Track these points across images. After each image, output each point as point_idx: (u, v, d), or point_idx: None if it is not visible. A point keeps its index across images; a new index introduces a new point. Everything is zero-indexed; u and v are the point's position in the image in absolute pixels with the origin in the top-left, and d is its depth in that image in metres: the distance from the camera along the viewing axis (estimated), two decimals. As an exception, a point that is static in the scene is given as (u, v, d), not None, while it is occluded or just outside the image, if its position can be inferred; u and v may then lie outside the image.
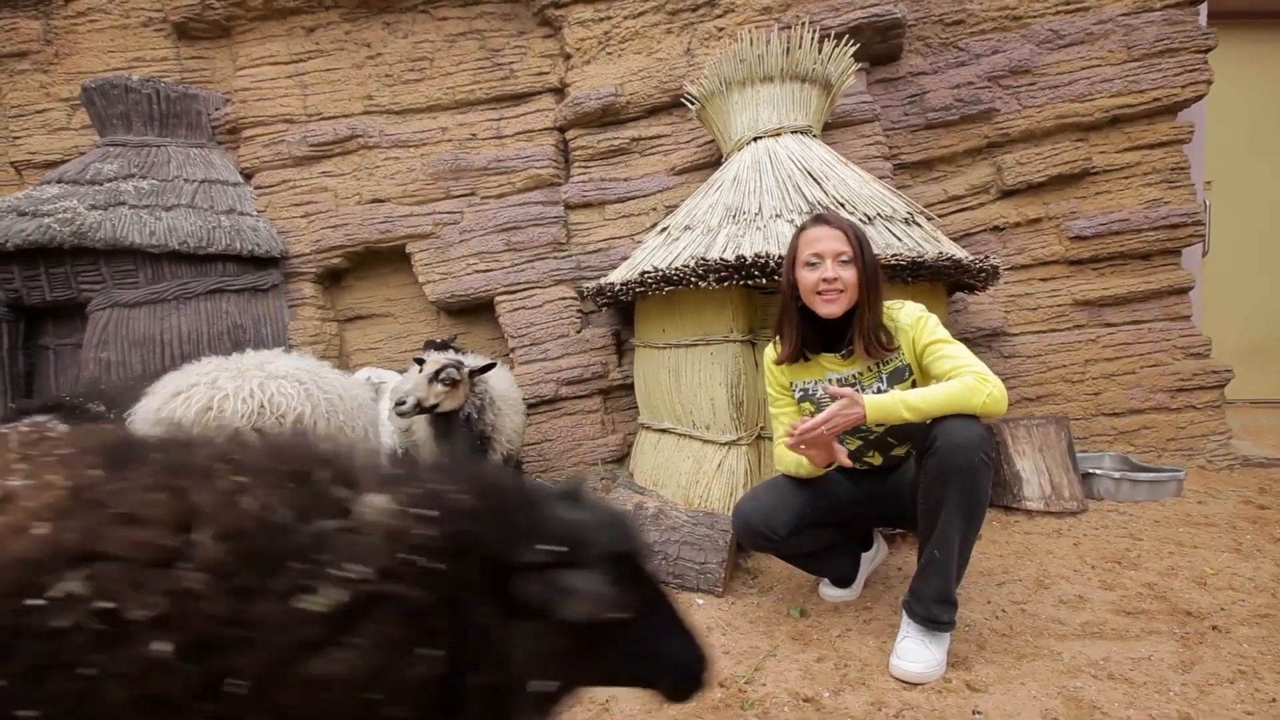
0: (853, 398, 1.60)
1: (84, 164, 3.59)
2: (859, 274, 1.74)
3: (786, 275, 1.85)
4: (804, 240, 1.81)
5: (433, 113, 3.97)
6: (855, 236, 1.77)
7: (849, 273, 1.73)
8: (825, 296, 1.75)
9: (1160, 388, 3.48)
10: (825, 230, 1.78)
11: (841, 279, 1.73)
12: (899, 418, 1.61)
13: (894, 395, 1.63)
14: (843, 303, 1.75)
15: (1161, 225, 3.50)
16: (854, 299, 1.76)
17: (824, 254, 1.75)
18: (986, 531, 2.64)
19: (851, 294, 1.75)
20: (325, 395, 1.77)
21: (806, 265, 1.78)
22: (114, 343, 3.33)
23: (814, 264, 1.76)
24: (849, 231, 1.77)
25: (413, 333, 4.08)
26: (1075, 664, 1.62)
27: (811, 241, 1.78)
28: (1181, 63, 3.50)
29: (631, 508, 2.35)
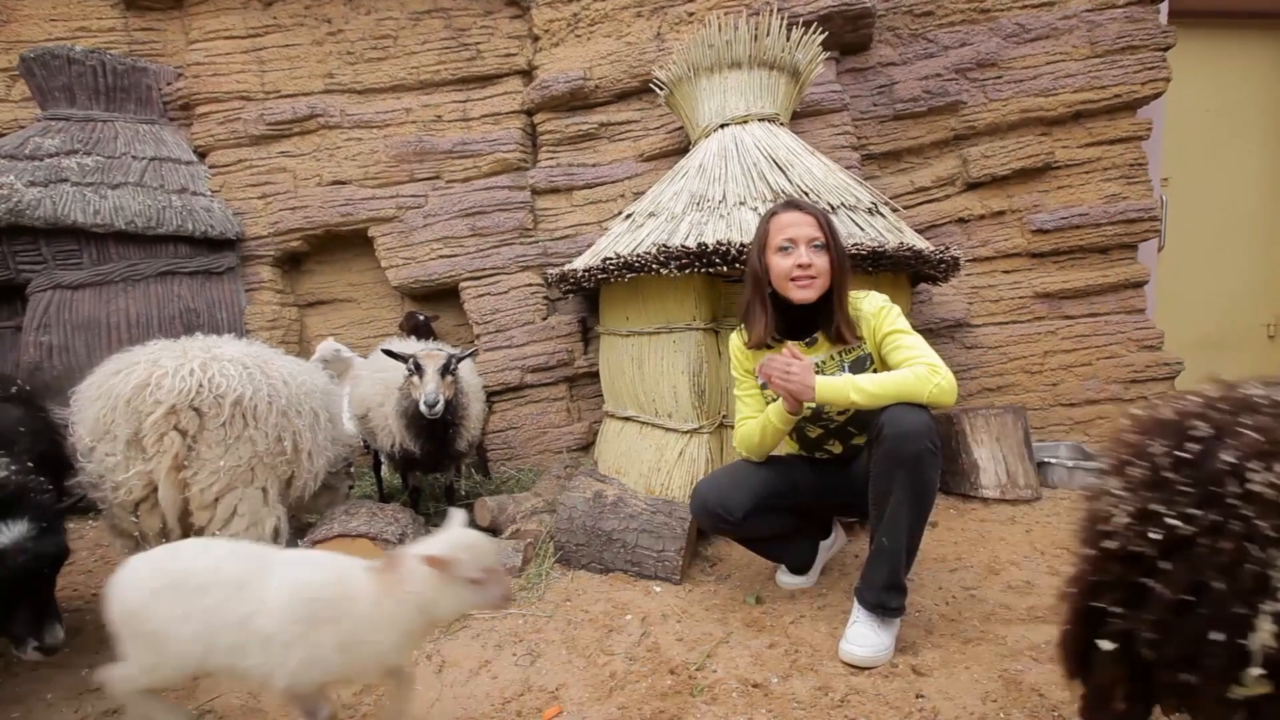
0: (809, 370, 1.63)
1: (23, 138, 3.41)
2: (831, 260, 1.74)
3: (756, 260, 1.83)
4: (775, 225, 1.80)
5: (396, 93, 3.87)
6: (827, 223, 1.77)
7: (822, 259, 1.74)
8: (799, 283, 1.74)
9: (1115, 379, 3.57)
10: (797, 215, 1.77)
11: (815, 265, 1.73)
12: (846, 400, 1.62)
13: (845, 378, 1.64)
14: (816, 288, 1.75)
15: (1120, 220, 3.58)
16: (826, 285, 1.76)
17: (797, 239, 1.74)
18: (942, 519, 2.68)
19: (824, 280, 1.75)
20: (269, 380, 1.72)
21: (779, 250, 1.77)
22: (56, 326, 3.19)
23: (787, 249, 1.75)
24: (820, 217, 1.78)
25: (376, 318, 4.00)
26: (1018, 648, 1.65)
27: (784, 226, 1.77)
28: (1142, 60, 3.56)
29: (591, 495, 2.33)
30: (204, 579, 1.19)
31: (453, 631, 1.88)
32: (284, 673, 1.16)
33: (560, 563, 2.31)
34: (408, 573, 1.20)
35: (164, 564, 1.23)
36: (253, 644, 1.16)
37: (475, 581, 1.20)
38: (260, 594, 1.18)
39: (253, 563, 1.23)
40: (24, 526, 1.31)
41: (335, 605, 1.18)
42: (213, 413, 1.63)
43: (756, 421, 1.88)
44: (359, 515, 2.05)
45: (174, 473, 1.63)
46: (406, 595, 1.19)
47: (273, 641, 1.16)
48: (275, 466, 1.79)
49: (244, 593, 1.18)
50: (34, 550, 1.31)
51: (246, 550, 1.27)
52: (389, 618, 1.19)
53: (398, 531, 2.01)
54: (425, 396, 2.18)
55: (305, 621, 1.17)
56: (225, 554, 1.25)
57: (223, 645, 1.17)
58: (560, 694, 1.56)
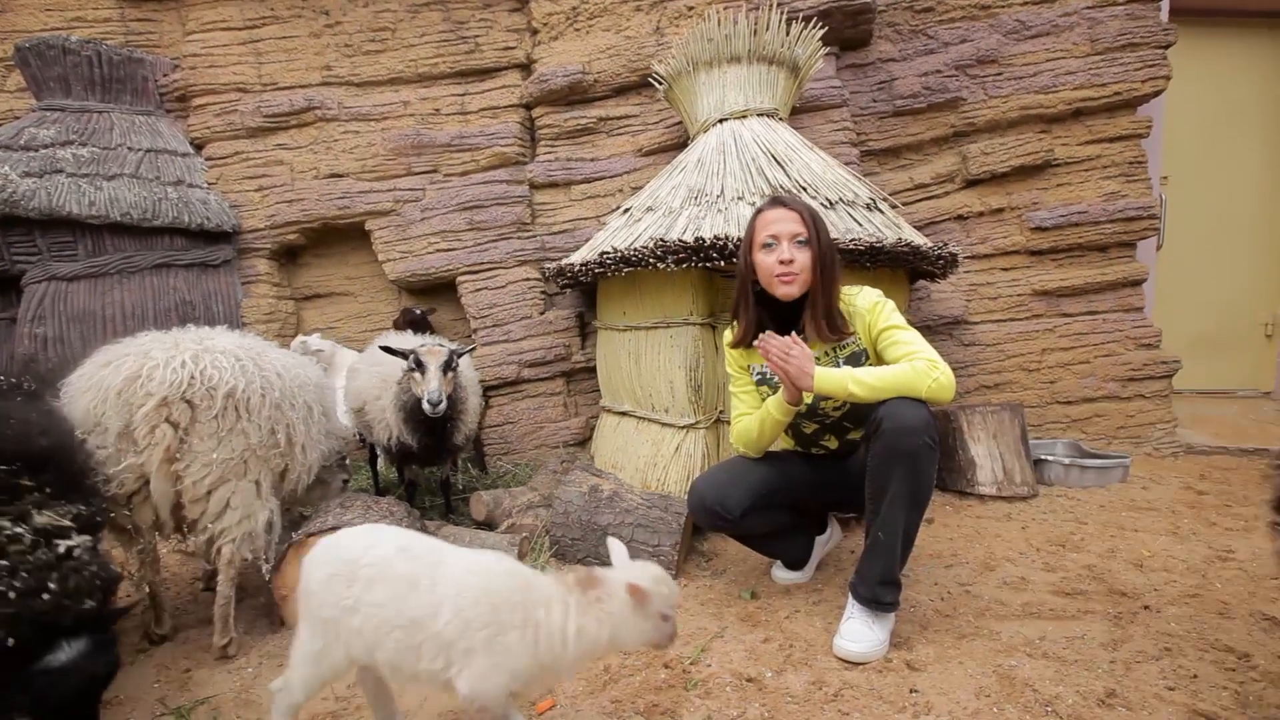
0: (809, 358, 1.63)
1: (17, 128, 3.39)
2: (814, 256, 1.73)
3: (743, 258, 1.84)
4: (760, 222, 1.80)
5: (394, 85, 3.85)
6: (811, 218, 1.76)
7: (804, 255, 1.73)
8: (783, 279, 1.74)
9: (1112, 377, 3.57)
10: (782, 212, 1.77)
11: (797, 261, 1.72)
12: (845, 391, 1.61)
13: (844, 370, 1.64)
14: (799, 285, 1.75)
15: (1119, 218, 3.57)
16: (809, 281, 1.75)
17: (780, 235, 1.74)
18: (939, 515, 2.68)
19: (807, 276, 1.75)
20: (262, 372, 1.71)
21: (763, 247, 1.77)
22: (51, 318, 3.18)
23: (770, 245, 1.75)
24: (805, 213, 1.77)
25: (373, 312, 3.99)
26: (1012, 643, 1.65)
27: (768, 223, 1.77)
28: (1142, 57, 3.55)
29: (586, 490, 2.33)
30: (374, 572, 1.13)
31: (447, 625, 1.87)
32: (467, 679, 1.10)
33: (556, 557, 2.31)
34: (608, 594, 1.16)
35: (340, 550, 1.18)
36: (429, 646, 1.10)
37: (662, 618, 1.18)
38: (434, 597, 1.12)
39: (425, 561, 1.17)
40: (81, 644, 1.10)
41: (523, 611, 1.13)
42: (205, 405, 1.62)
43: (754, 416, 1.87)
44: (354, 509, 2.04)
45: (166, 465, 1.62)
46: (605, 615, 1.15)
47: (454, 646, 1.10)
48: (269, 459, 1.78)
49: (416, 594, 1.12)
50: (86, 671, 1.12)
51: (419, 545, 1.20)
52: (580, 634, 1.14)
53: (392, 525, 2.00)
54: (429, 395, 2.17)
55: (492, 629, 1.11)
56: (397, 549, 1.17)
57: (391, 644, 1.11)
58: (554, 688, 1.56)
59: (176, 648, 1.84)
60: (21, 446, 1.18)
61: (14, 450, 1.16)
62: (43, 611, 1.02)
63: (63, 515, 1.16)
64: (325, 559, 1.17)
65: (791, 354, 1.63)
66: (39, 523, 1.10)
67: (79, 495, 1.25)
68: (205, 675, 1.69)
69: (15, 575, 1.02)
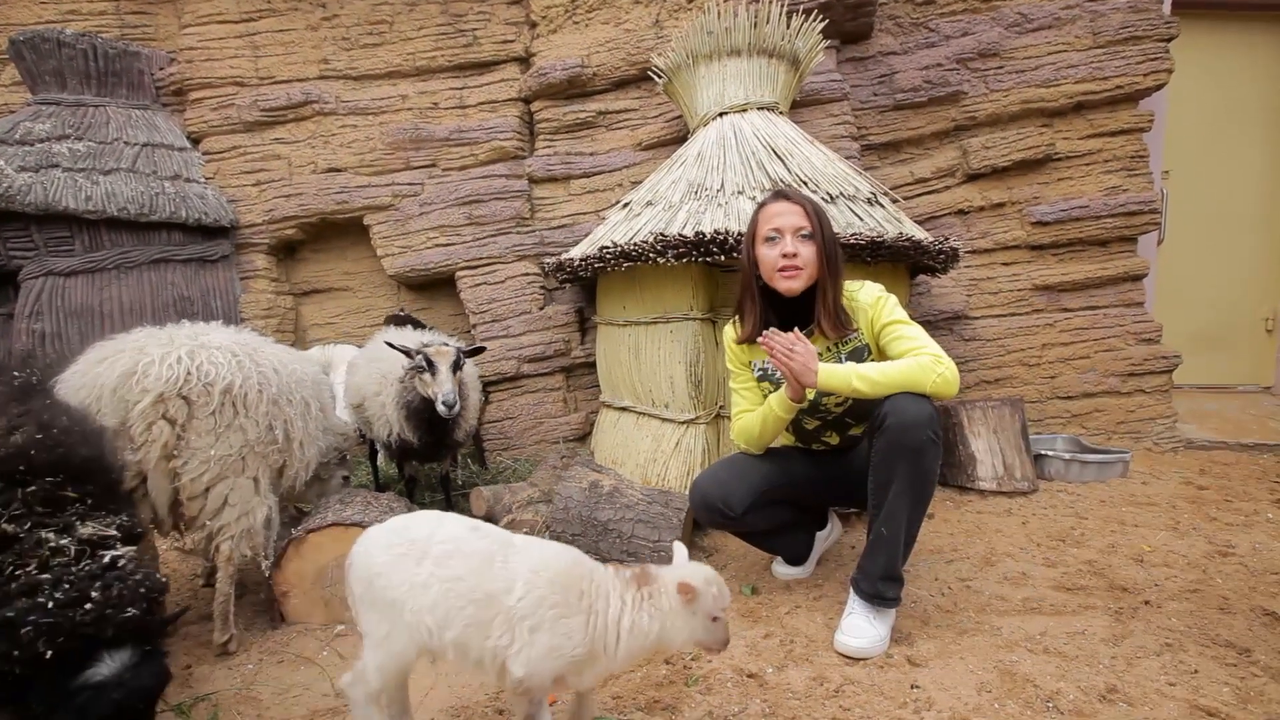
0: (813, 354, 1.62)
1: (13, 123, 3.37)
2: (819, 250, 1.72)
3: (746, 252, 1.82)
4: (763, 216, 1.78)
5: (392, 79, 3.82)
6: (814, 212, 1.75)
7: (808, 249, 1.71)
8: (785, 273, 1.73)
9: (1112, 372, 3.56)
10: (784, 205, 1.76)
11: (801, 255, 1.71)
12: (850, 388, 1.60)
13: (848, 366, 1.63)
14: (803, 279, 1.73)
15: (1120, 212, 3.56)
16: (814, 275, 1.74)
17: (783, 229, 1.72)
18: (939, 510, 2.68)
19: (811, 270, 1.73)
20: (259, 367, 1.70)
21: (766, 241, 1.76)
22: (48, 313, 3.16)
23: (773, 239, 1.74)
24: (808, 207, 1.75)
25: (372, 307, 3.97)
26: (1013, 638, 1.65)
27: (771, 217, 1.76)
28: (1144, 51, 3.53)
29: (587, 486, 2.32)
30: (447, 549, 1.15)
31: (447, 621, 1.87)
32: (525, 658, 1.11)
33: (556, 553, 2.30)
34: (659, 591, 1.18)
35: (404, 531, 1.19)
36: (498, 622, 1.11)
37: (712, 619, 1.19)
38: (508, 572, 1.14)
39: (496, 539, 1.20)
40: (125, 655, 1.04)
41: (587, 598, 1.15)
42: (202, 401, 1.60)
43: (756, 413, 1.86)
44: (353, 504, 2.04)
45: (164, 462, 1.61)
46: (655, 612, 1.16)
47: (522, 623, 1.11)
48: (267, 456, 1.77)
49: (491, 569, 1.14)
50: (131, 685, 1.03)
51: (483, 527, 1.22)
52: (633, 629, 1.15)
53: (392, 521, 2.00)
54: (443, 396, 2.16)
55: (560, 609, 1.13)
56: (465, 528, 1.20)
57: (461, 619, 1.12)
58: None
59: (176, 644, 1.84)
60: (63, 457, 1.14)
61: (56, 460, 1.13)
62: (83, 622, 0.98)
63: (107, 526, 1.13)
64: (389, 541, 1.17)
65: (795, 350, 1.61)
66: (83, 534, 1.08)
67: (118, 505, 1.23)
68: (205, 671, 1.69)
69: (57, 587, 1.00)
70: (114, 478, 1.24)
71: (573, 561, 1.21)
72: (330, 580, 1.88)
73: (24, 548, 1.02)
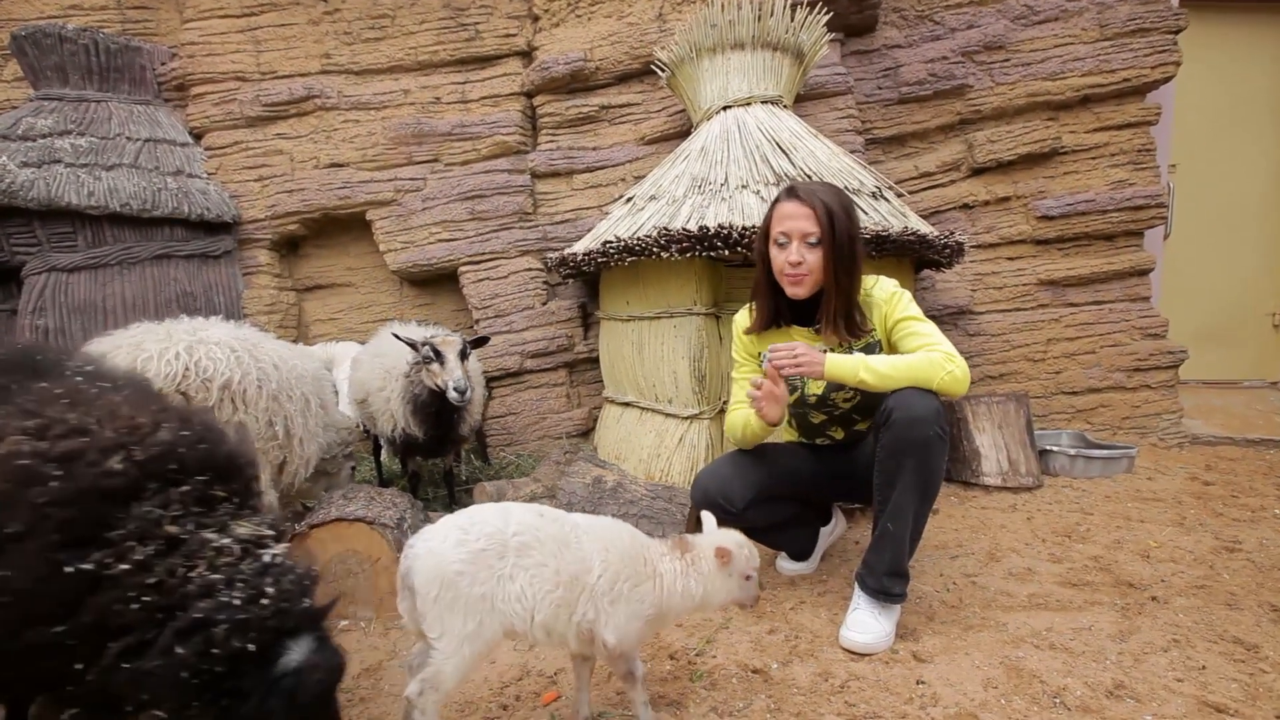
0: (812, 350, 1.62)
1: (15, 118, 3.36)
2: (827, 256, 1.66)
3: (759, 247, 1.80)
4: (775, 215, 1.74)
5: (394, 74, 3.81)
6: (827, 215, 1.66)
7: (815, 255, 1.67)
8: (791, 279, 1.71)
9: (1118, 367, 3.54)
10: (795, 207, 1.69)
11: (807, 262, 1.67)
12: (856, 377, 1.59)
13: (857, 356, 1.62)
14: (808, 285, 1.71)
15: (1126, 207, 3.53)
16: (820, 282, 1.70)
17: (791, 234, 1.68)
18: (944, 506, 2.67)
19: (817, 277, 1.69)
20: (258, 363, 1.69)
21: (776, 243, 1.73)
22: (52, 309, 3.16)
23: (782, 243, 1.71)
24: (819, 209, 1.66)
25: (375, 303, 3.97)
26: (1019, 634, 1.64)
27: (781, 219, 1.71)
28: (1152, 43, 3.50)
29: (590, 481, 2.32)
30: (525, 538, 1.20)
31: (451, 616, 1.87)
32: (612, 627, 1.22)
33: (559, 548, 2.30)
34: (699, 556, 1.32)
35: (476, 526, 1.21)
36: (582, 599, 1.21)
37: (745, 578, 1.35)
38: (584, 553, 1.23)
39: (565, 523, 1.28)
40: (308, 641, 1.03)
41: (651, 567, 1.29)
42: (200, 397, 1.59)
43: (741, 415, 1.85)
44: (357, 500, 2.04)
45: (165, 458, 1.60)
46: (699, 576, 1.31)
47: (603, 597, 1.22)
48: (266, 452, 1.77)
49: (568, 551, 1.22)
50: (324, 666, 1.04)
51: (547, 512, 1.29)
52: (683, 592, 1.30)
53: (395, 516, 2.00)
54: (454, 383, 2.18)
55: (632, 580, 1.25)
56: (533, 515, 1.26)
57: (549, 602, 1.19)
58: (558, 679, 1.56)
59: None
60: (208, 454, 1.11)
61: (203, 458, 1.09)
62: (266, 616, 0.99)
63: (260, 525, 1.11)
64: (461, 539, 1.18)
65: (799, 357, 1.61)
66: (241, 534, 1.06)
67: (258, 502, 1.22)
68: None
69: (232, 586, 0.99)
70: (253, 474, 1.21)
71: (632, 536, 1.33)
72: (333, 575, 1.88)
73: (190, 549, 1.01)
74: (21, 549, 0.91)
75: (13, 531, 0.92)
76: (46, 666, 0.97)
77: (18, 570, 0.91)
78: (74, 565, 0.91)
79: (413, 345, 2.29)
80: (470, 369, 2.58)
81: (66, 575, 0.92)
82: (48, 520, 0.92)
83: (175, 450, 1.06)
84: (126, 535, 0.96)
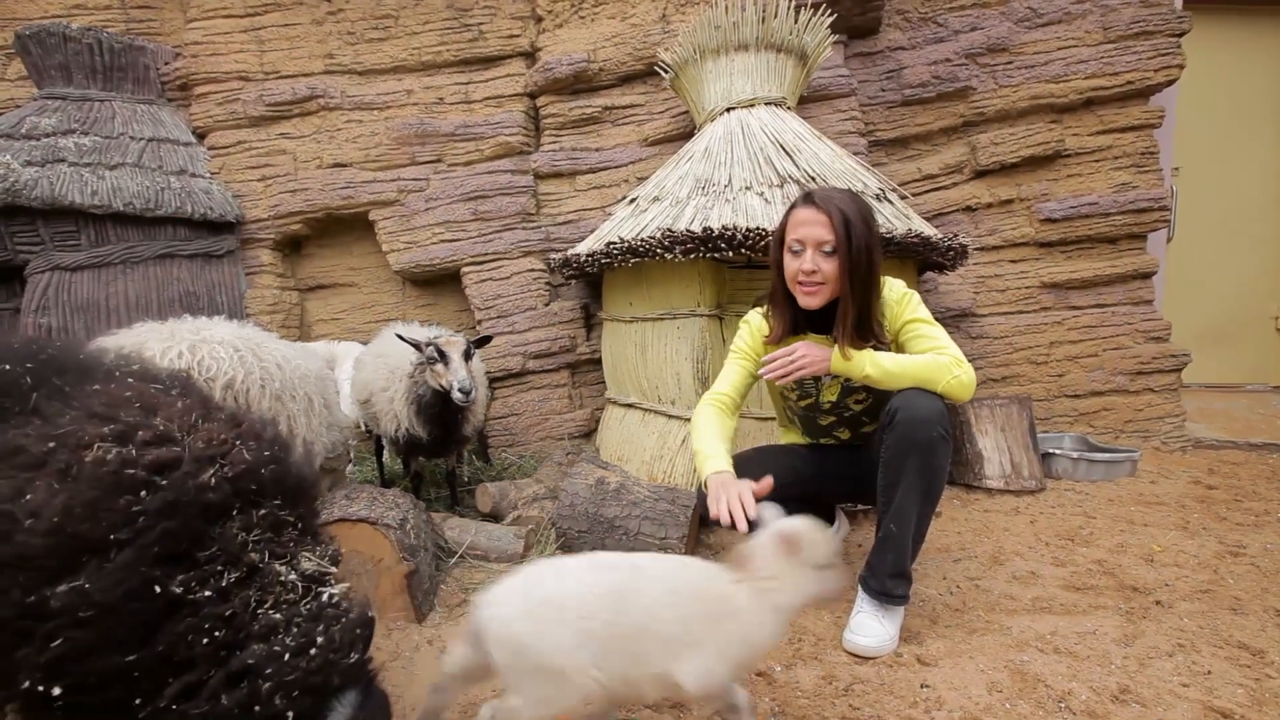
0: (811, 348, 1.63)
1: (19, 117, 3.36)
2: (842, 266, 1.63)
3: (774, 254, 1.78)
4: (791, 222, 1.71)
5: (397, 74, 3.81)
6: (842, 222, 1.63)
7: (830, 264, 1.64)
8: (805, 289, 1.69)
9: (1121, 370, 3.54)
10: (811, 214, 1.66)
11: (821, 271, 1.64)
12: (861, 372, 1.60)
13: (865, 351, 1.61)
14: (823, 295, 1.68)
15: (1129, 209, 3.53)
16: (835, 291, 1.67)
17: (805, 241, 1.66)
18: (947, 509, 2.67)
19: (832, 286, 1.66)
20: (261, 363, 1.69)
21: (790, 250, 1.71)
22: (55, 308, 3.17)
23: (796, 251, 1.69)
24: (835, 217, 1.63)
25: (377, 303, 3.97)
26: (1023, 638, 1.64)
27: (796, 226, 1.69)
28: (1156, 46, 3.49)
29: (593, 482, 2.31)
30: (584, 603, 1.10)
31: (455, 618, 1.87)
32: (693, 674, 1.10)
33: (562, 549, 2.30)
34: (761, 565, 1.18)
35: (535, 594, 1.12)
36: (654, 651, 1.10)
37: (820, 569, 1.19)
38: (645, 601, 1.12)
39: (621, 569, 1.17)
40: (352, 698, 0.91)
41: (724, 601, 1.15)
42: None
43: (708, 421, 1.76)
44: (359, 500, 2.03)
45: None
46: (771, 587, 1.17)
47: (677, 642, 1.11)
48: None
49: (632, 602, 1.12)
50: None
51: (601, 561, 1.19)
52: (769, 612, 1.17)
53: (398, 517, 1.99)
54: (459, 384, 2.17)
55: (706, 621, 1.13)
56: (586, 570, 1.16)
57: (623, 660, 1.10)
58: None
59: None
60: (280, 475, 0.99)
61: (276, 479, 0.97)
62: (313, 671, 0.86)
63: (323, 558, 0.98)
64: (526, 609, 1.11)
65: (796, 359, 1.62)
66: (305, 568, 0.94)
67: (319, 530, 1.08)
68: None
69: (289, 630, 0.87)
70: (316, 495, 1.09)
71: (700, 572, 1.20)
72: (337, 576, 1.88)
73: (264, 580, 0.90)
74: (113, 561, 0.82)
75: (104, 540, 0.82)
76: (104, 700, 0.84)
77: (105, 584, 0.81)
78: (165, 585, 0.82)
79: (417, 346, 2.29)
80: (473, 369, 2.58)
81: (154, 595, 0.82)
82: (147, 532, 0.83)
83: (257, 470, 0.96)
84: (212, 558, 0.87)
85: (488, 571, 2.16)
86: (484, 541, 2.25)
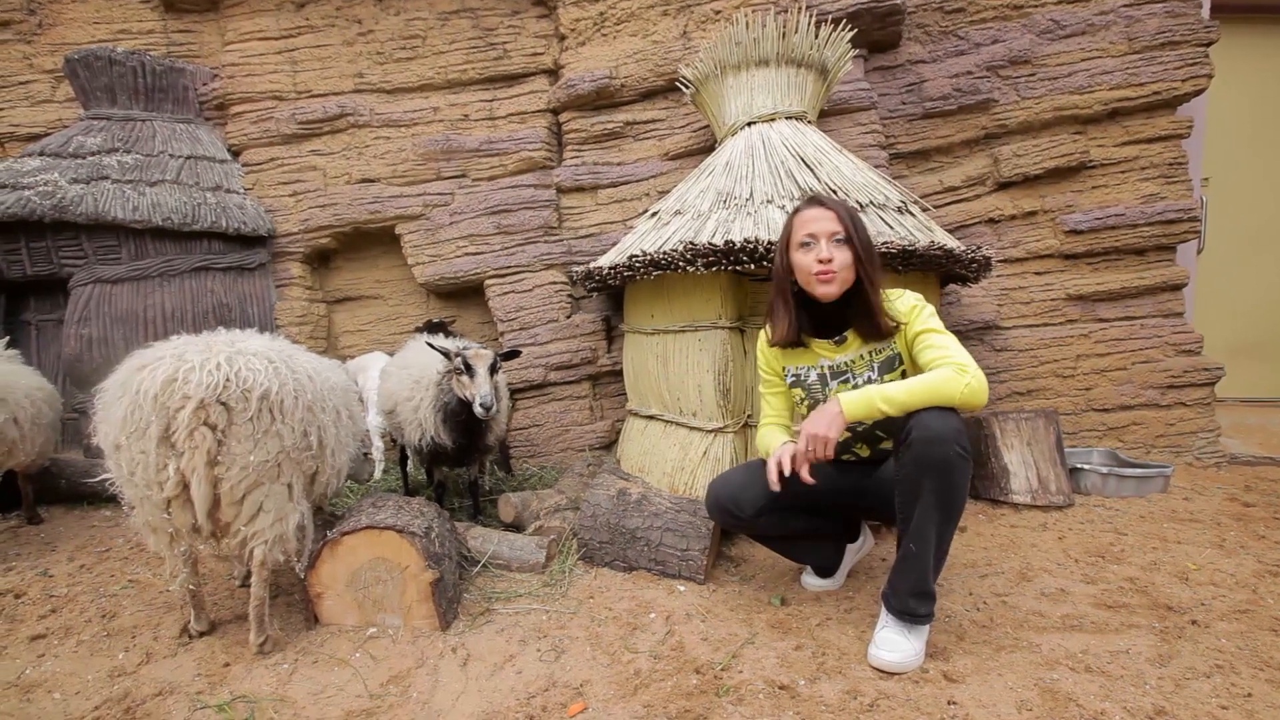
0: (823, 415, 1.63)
1: (66, 137, 3.52)
2: (854, 254, 1.71)
3: (780, 259, 1.82)
4: (797, 222, 1.78)
5: (424, 92, 3.91)
6: (849, 217, 1.74)
7: (844, 253, 1.71)
8: (821, 277, 1.72)
9: (1151, 384, 3.47)
10: (818, 211, 1.76)
11: (837, 259, 1.70)
12: (876, 412, 1.59)
13: (870, 390, 1.61)
14: (839, 283, 1.72)
15: (1158, 221, 3.48)
16: (849, 281, 1.73)
17: (817, 234, 1.72)
18: (972, 524, 2.63)
19: (847, 275, 1.72)
20: (294, 375, 1.73)
21: (801, 247, 1.75)
22: (96, 319, 3.28)
23: (808, 244, 1.74)
24: (841, 212, 1.74)
25: (402, 315, 4.05)
26: (1053, 656, 1.61)
27: (805, 223, 1.76)
28: (1182, 56, 3.46)
29: (615, 493, 2.32)
30: None
31: (477, 626, 1.89)
32: None
33: (584, 560, 2.31)
34: None
35: None
36: None
37: None
38: None
39: None
40: None
41: None
42: (240, 408, 1.62)
43: (772, 432, 1.90)
44: (386, 508, 2.07)
45: (208, 469, 1.64)
46: None
47: None
48: (301, 462, 1.80)
49: None
50: None
51: None
52: None
53: (423, 525, 2.02)
54: (481, 398, 2.23)
55: None
56: None
57: None
58: (585, 690, 1.56)
59: (215, 641, 1.88)
60: None
61: None
62: None
63: None
64: None
65: (816, 437, 1.62)
66: None
67: None
68: (242, 670, 1.72)
69: None
70: None
71: None
72: (363, 583, 1.91)
73: None
74: None
75: None
76: None
77: None
78: None
79: (446, 354, 2.34)
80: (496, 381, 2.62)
81: None
82: None
83: None
84: None
85: (510, 580, 2.18)
86: (506, 551, 2.28)
